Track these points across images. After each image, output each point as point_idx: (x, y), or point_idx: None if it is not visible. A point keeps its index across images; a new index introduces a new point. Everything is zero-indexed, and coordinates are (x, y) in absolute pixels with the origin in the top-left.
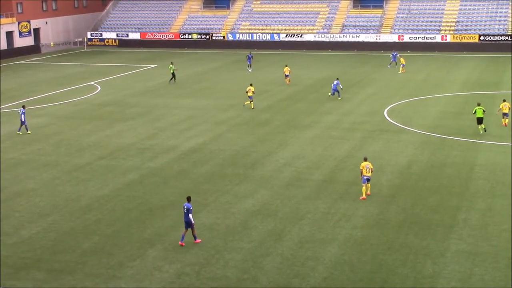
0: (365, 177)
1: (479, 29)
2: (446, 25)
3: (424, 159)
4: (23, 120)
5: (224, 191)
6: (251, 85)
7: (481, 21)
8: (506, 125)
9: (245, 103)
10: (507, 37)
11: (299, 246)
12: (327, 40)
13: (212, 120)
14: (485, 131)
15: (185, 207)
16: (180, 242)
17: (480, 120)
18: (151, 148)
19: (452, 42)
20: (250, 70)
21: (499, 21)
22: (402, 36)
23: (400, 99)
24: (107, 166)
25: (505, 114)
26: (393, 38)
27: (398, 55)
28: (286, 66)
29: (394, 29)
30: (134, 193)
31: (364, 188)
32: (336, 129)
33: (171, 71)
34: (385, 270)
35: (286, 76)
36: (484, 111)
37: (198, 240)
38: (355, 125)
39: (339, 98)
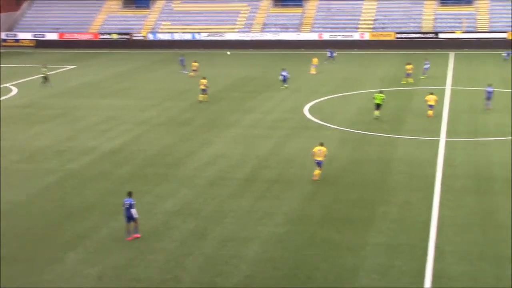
0: (316, 161)
1: (396, 27)
2: (364, 23)
3: (345, 155)
4: None
5: (145, 192)
6: (203, 78)
7: (397, 20)
8: (431, 116)
9: (199, 98)
10: (420, 35)
11: (222, 244)
12: (249, 38)
13: (133, 120)
14: (376, 119)
15: (126, 202)
16: (126, 238)
17: (377, 106)
18: (70, 150)
19: (370, 39)
20: (185, 72)
21: (414, 19)
22: (322, 34)
23: (321, 96)
24: (25, 170)
25: (430, 106)
26: (313, 36)
27: (335, 54)
28: (195, 61)
29: (314, 28)
30: (53, 196)
31: (317, 171)
32: (258, 127)
33: (44, 75)
34: (307, 265)
35: (193, 71)
36: (383, 99)
37: (138, 235)
38: (277, 123)
39: (284, 87)
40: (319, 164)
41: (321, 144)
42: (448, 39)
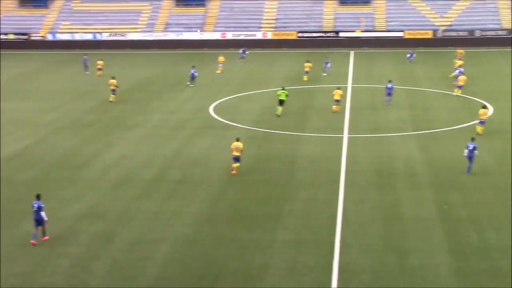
0: (234, 156)
1: (297, 26)
2: (266, 23)
3: (251, 153)
4: None
5: (49, 196)
6: (113, 78)
7: (298, 19)
8: (336, 111)
9: (110, 99)
10: (321, 34)
11: (130, 247)
12: (151, 38)
13: (34, 123)
14: (278, 116)
15: (35, 205)
16: (31, 241)
17: (281, 102)
18: None
19: (273, 38)
20: (87, 73)
21: (315, 18)
22: (225, 33)
23: (226, 96)
24: None
25: (336, 101)
26: (216, 36)
27: (247, 52)
28: (100, 60)
29: (217, 27)
30: None
31: (234, 165)
32: (163, 128)
33: None
34: (216, 265)
35: (99, 69)
36: (287, 95)
37: (46, 237)
38: (181, 123)
39: (190, 85)
40: (236, 159)
41: (238, 140)
42: (348, 38)
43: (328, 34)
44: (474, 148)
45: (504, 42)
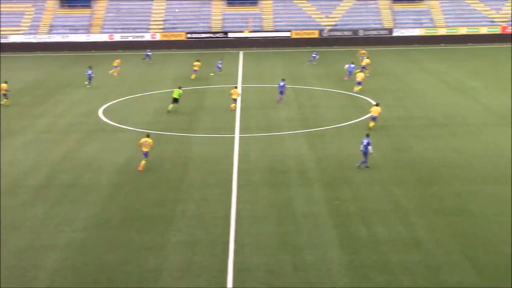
0: (143, 152)
1: (186, 27)
2: (154, 24)
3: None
4: None
5: None
6: (5, 82)
7: (187, 20)
8: (233, 109)
9: (2, 102)
10: (211, 35)
11: (17, 256)
12: (35, 41)
13: None
14: (169, 112)
15: None
16: None
17: (175, 100)
18: None
19: (162, 40)
20: None
21: (203, 19)
22: (113, 35)
23: (115, 98)
24: None
25: (234, 100)
26: (104, 37)
27: (150, 54)
28: None
29: (104, 29)
30: None
31: (143, 162)
32: (51, 132)
33: None
34: (109, 269)
35: None
36: (180, 94)
37: None
38: (70, 126)
39: (87, 85)
40: (145, 154)
41: (148, 136)
42: (237, 38)
43: (217, 35)
44: (368, 144)
45: (386, 42)
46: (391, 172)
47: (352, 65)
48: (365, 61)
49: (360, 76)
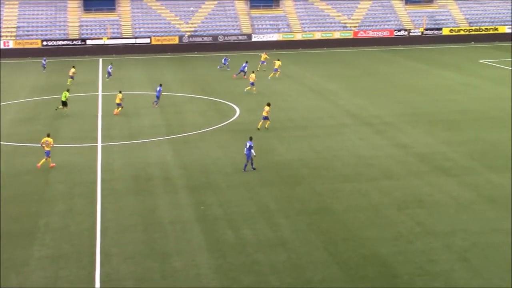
0: (46, 151)
1: (41, 35)
2: (7, 31)
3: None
4: None
5: None
6: None
7: (42, 27)
8: (117, 114)
9: None
10: (68, 42)
11: None
12: None
13: None
14: (56, 108)
15: None
16: None
17: (64, 103)
18: None
19: (16, 48)
20: None
21: (59, 26)
22: None
23: None
24: None
25: (118, 104)
26: None
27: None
28: None
29: None
30: None
31: (44, 160)
32: None
33: None
34: None
35: None
36: (66, 97)
37: None
38: None
39: None
40: (47, 153)
41: (48, 135)
42: (96, 45)
43: (75, 42)
44: (251, 147)
45: (245, 46)
46: (255, 174)
47: (245, 64)
48: (277, 62)
49: (252, 77)
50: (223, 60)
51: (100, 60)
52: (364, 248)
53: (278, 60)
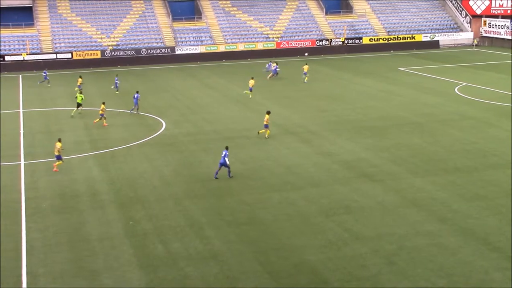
0: (55, 155)
1: None
2: None
3: None
4: None
5: None
6: None
7: None
8: (105, 125)
9: None
10: None
11: None
12: None
13: None
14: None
15: None
16: None
17: (78, 105)
18: None
19: None
20: None
21: None
22: None
23: None
24: None
25: (101, 115)
26: None
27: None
28: None
29: None
30: None
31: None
32: None
33: None
34: None
35: None
36: (82, 98)
37: None
38: None
39: None
40: (57, 157)
41: (59, 140)
42: (15, 61)
43: None
44: (226, 156)
45: (169, 60)
46: (183, 187)
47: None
48: (305, 67)
49: (251, 83)
50: (267, 65)
51: (20, 76)
52: (295, 257)
53: (306, 64)
